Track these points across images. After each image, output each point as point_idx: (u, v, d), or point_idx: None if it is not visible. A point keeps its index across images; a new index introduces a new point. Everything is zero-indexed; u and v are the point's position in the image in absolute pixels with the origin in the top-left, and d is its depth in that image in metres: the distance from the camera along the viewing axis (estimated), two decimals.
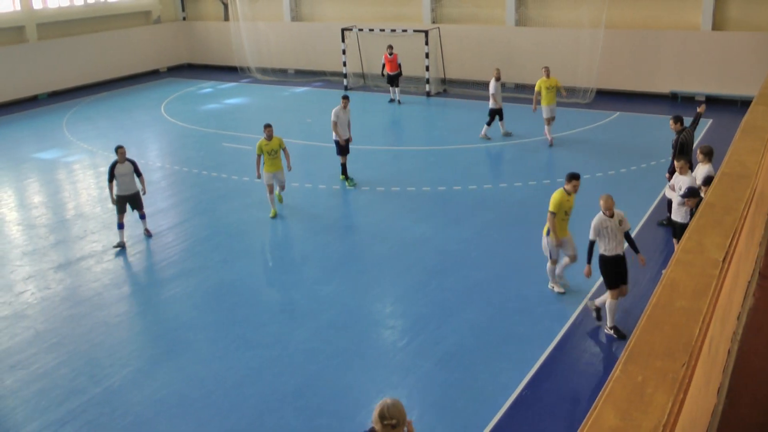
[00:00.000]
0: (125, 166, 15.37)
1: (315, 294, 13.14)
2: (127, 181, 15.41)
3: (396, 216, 16.68)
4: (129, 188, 15.49)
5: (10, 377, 10.88)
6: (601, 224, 11.24)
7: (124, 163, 15.35)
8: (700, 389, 3.83)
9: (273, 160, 16.73)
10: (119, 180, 15.30)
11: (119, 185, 15.35)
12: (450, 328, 11.74)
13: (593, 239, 11.36)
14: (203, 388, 10.33)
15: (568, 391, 10.00)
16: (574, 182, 12.44)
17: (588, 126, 24.01)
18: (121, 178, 15.30)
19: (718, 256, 4.31)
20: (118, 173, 15.25)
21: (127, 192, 15.47)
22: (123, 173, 15.30)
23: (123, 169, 15.32)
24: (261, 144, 16.68)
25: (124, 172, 15.32)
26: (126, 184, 15.42)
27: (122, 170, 15.31)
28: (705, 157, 13.21)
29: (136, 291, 13.50)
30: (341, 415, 9.64)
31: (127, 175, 15.37)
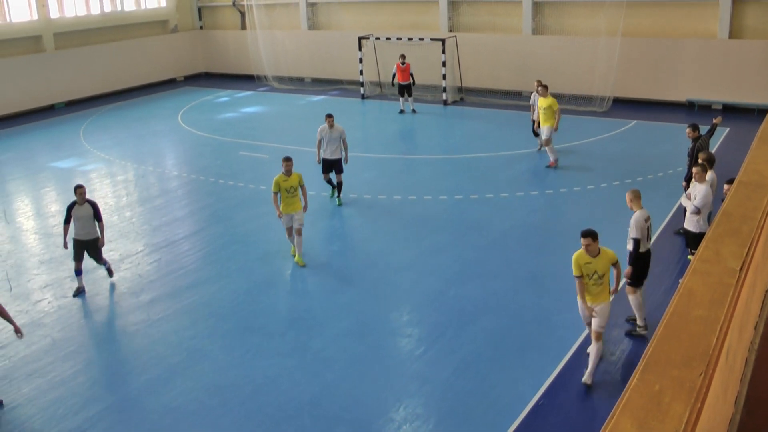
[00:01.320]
0: (84, 208, 13.66)
1: (332, 302, 13.15)
2: (86, 225, 13.70)
3: (413, 224, 16.68)
4: (87, 233, 13.76)
5: (27, 385, 10.94)
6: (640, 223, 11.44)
7: (83, 205, 13.65)
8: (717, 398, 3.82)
9: (291, 199, 14.62)
10: (77, 223, 13.66)
11: (76, 228, 13.71)
12: (467, 336, 11.72)
13: (637, 237, 11.41)
14: (220, 396, 10.36)
15: (585, 401, 9.96)
16: (582, 240, 10.05)
17: (605, 134, 23.94)
18: (79, 221, 13.65)
19: (735, 265, 4.30)
20: (75, 215, 13.62)
21: (85, 237, 13.76)
22: (81, 216, 13.63)
23: (82, 211, 13.64)
24: (278, 180, 14.57)
25: (82, 214, 13.63)
26: (84, 228, 13.71)
27: (81, 212, 13.63)
28: (708, 165, 13.20)
29: (153, 299, 13.55)
30: (358, 423, 9.63)
31: (85, 219, 13.66)
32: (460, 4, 31.46)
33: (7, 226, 17.92)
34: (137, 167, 22.68)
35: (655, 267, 13.92)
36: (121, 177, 21.87)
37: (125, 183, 21.30)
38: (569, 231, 15.70)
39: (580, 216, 16.67)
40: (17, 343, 12.04)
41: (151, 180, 21.36)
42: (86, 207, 13.66)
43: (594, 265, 10.03)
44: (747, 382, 4.93)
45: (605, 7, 27.55)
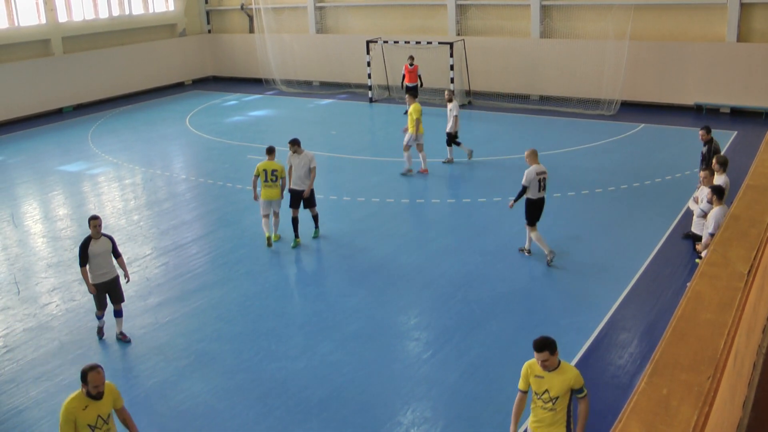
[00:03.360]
0: (101, 243, 11.86)
1: (340, 306, 13.16)
2: (104, 263, 11.87)
3: (421, 228, 16.69)
4: (107, 272, 11.96)
5: (35, 388, 10.97)
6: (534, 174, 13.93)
7: (99, 240, 11.84)
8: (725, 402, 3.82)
9: (272, 185, 15.37)
10: (93, 262, 11.77)
11: (94, 269, 11.82)
12: (475, 340, 11.72)
13: (526, 185, 13.99)
14: (228, 400, 10.37)
15: (593, 404, 9.92)
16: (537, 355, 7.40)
17: (613, 138, 23.91)
18: (96, 259, 11.77)
19: (743, 269, 4.29)
20: (92, 253, 11.76)
21: (105, 278, 11.93)
22: (98, 252, 11.79)
23: (98, 247, 11.81)
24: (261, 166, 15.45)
25: (99, 251, 11.80)
26: (103, 267, 11.87)
27: (97, 248, 11.79)
28: (720, 168, 13.11)
29: (161, 303, 13.58)
30: (367, 426, 9.63)
31: (103, 255, 11.85)
32: (468, 7, 31.47)
33: (15, 230, 17.98)
34: (145, 171, 22.74)
35: (664, 270, 13.92)
36: (129, 180, 21.92)
37: (133, 186, 21.35)
38: (578, 235, 15.71)
39: (587, 219, 16.66)
40: (25, 346, 12.08)
41: (159, 183, 21.41)
42: (103, 241, 11.86)
43: (547, 381, 7.39)
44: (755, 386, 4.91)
45: (613, 10, 27.53)
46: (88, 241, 11.75)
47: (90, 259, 11.72)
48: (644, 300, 12.86)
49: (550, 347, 7.27)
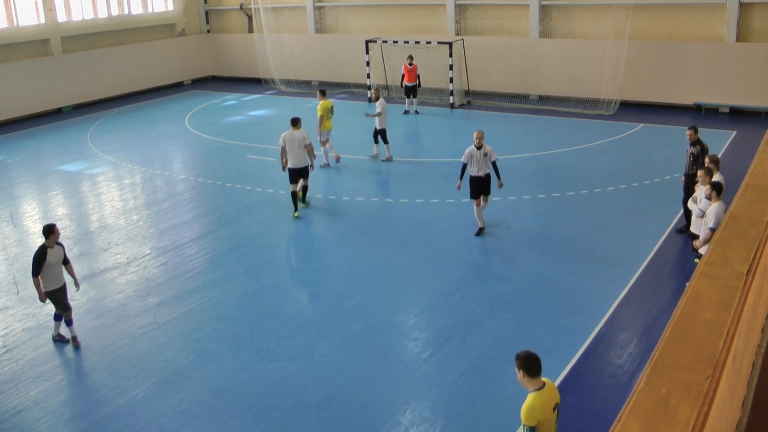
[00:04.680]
0: (56, 251, 11.80)
1: (339, 306, 13.16)
2: (58, 271, 11.87)
3: (420, 227, 16.68)
4: (59, 280, 11.93)
5: (34, 388, 10.97)
6: (472, 153, 15.60)
7: (53, 248, 11.76)
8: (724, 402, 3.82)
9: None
10: (48, 271, 11.68)
11: (48, 277, 11.73)
12: (474, 340, 11.72)
13: (465, 162, 15.67)
14: (227, 400, 10.37)
15: (592, 404, 9.95)
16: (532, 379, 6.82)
17: (612, 137, 23.92)
18: (51, 268, 11.70)
19: (742, 269, 4.29)
20: (48, 262, 11.64)
21: (57, 285, 11.89)
22: (54, 262, 11.73)
23: (54, 255, 11.74)
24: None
25: (55, 260, 11.75)
26: (56, 275, 11.83)
27: (53, 257, 11.72)
28: (715, 166, 13.13)
29: (160, 303, 13.57)
30: (366, 427, 9.63)
31: (58, 264, 11.85)
32: (468, 7, 31.47)
33: (15, 230, 17.97)
34: (144, 170, 22.74)
35: (663, 270, 13.93)
36: (129, 180, 21.92)
37: (132, 186, 21.34)
38: (575, 234, 15.72)
39: (586, 219, 16.66)
40: (24, 346, 12.08)
41: (158, 183, 21.41)
42: (57, 249, 11.85)
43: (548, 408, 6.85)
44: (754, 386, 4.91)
45: (612, 10, 27.53)
46: (45, 251, 11.60)
47: (45, 269, 11.61)
48: (643, 300, 12.87)
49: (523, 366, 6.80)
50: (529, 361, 6.70)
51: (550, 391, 6.82)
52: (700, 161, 14.75)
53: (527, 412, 6.58)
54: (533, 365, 6.70)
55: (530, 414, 6.56)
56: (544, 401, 6.68)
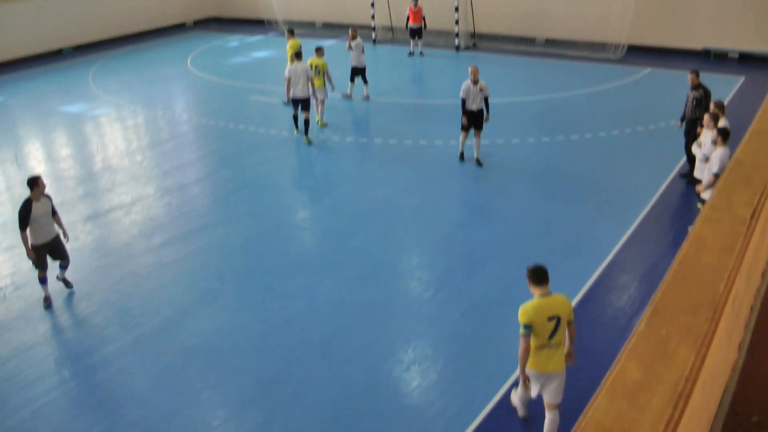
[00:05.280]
0: (42, 204, 11.43)
1: (342, 245, 13.25)
2: (46, 223, 11.51)
3: (424, 169, 16.69)
4: (48, 233, 11.59)
5: (43, 325, 11.12)
6: (469, 88, 16.24)
7: (40, 201, 11.39)
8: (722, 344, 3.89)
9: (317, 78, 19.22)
10: (35, 224, 11.34)
11: (35, 230, 11.38)
12: (476, 280, 11.82)
13: (464, 97, 16.30)
14: (231, 338, 10.51)
15: (592, 345, 10.07)
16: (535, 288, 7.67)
17: (618, 82, 23.75)
18: (39, 220, 11.35)
19: (746, 213, 4.33)
20: (35, 215, 11.29)
21: (47, 238, 11.56)
22: (41, 214, 11.39)
23: (40, 208, 11.38)
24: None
25: (41, 212, 11.40)
26: (44, 227, 11.48)
27: (39, 210, 11.37)
28: (720, 111, 13.08)
29: (165, 242, 13.66)
30: (368, 365, 9.78)
31: (45, 216, 11.47)
32: None
33: (19, 171, 18.00)
34: (147, 111, 22.67)
35: (666, 214, 13.98)
36: (131, 121, 21.86)
37: (135, 127, 21.30)
38: (579, 178, 15.72)
39: (590, 163, 16.66)
40: (32, 284, 12.19)
41: (160, 124, 21.36)
42: (44, 202, 11.49)
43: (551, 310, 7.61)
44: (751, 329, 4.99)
45: None
46: (30, 204, 11.24)
47: (32, 222, 11.26)
48: (645, 243, 12.94)
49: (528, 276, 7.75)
50: (533, 272, 7.63)
51: (552, 303, 7.57)
52: (703, 105, 14.68)
53: (521, 312, 7.53)
54: (535, 275, 7.61)
55: (522, 313, 7.51)
56: (539, 307, 7.50)
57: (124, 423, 8.84)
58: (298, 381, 9.50)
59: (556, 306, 7.55)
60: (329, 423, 8.68)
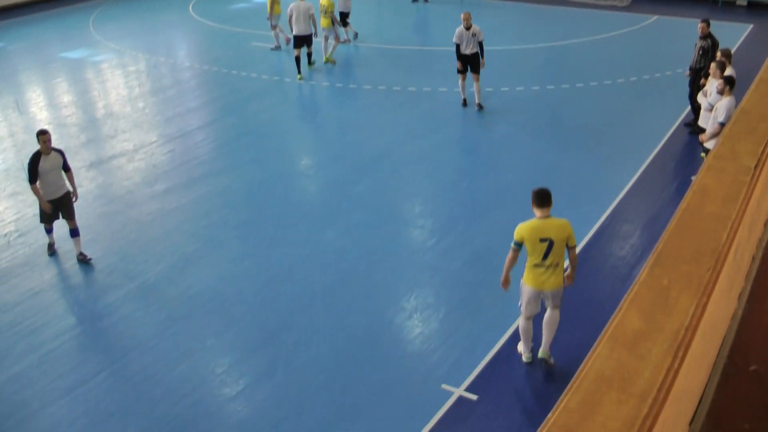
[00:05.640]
0: (52, 158, 11.11)
1: (345, 193, 13.25)
2: (55, 179, 11.19)
3: (427, 116, 16.62)
4: (57, 189, 11.25)
5: (48, 271, 11.19)
6: (462, 33, 16.31)
7: (49, 155, 11.08)
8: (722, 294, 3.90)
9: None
10: (43, 178, 11.05)
11: (43, 186, 11.10)
12: (479, 229, 11.85)
13: (457, 42, 16.39)
14: (235, 285, 10.58)
15: (593, 294, 10.13)
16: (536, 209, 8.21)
17: (624, 29, 23.51)
18: (47, 175, 11.04)
19: (750, 163, 4.31)
20: (43, 169, 10.99)
21: (55, 194, 11.23)
22: (49, 169, 11.05)
23: (49, 162, 11.04)
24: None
25: (50, 166, 11.06)
26: (53, 184, 11.17)
27: (48, 164, 11.03)
28: (727, 60, 12.97)
29: (167, 189, 13.67)
30: (371, 312, 9.85)
31: (54, 171, 11.15)
32: None
33: (21, 117, 17.93)
34: (149, 58, 22.49)
35: (669, 163, 13.95)
36: (133, 68, 21.71)
37: (137, 74, 21.16)
38: (583, 126, 15.66)
39: (594, 111, 16.58)
40: (36, 230, 12.23)
41: (162, 71, 21.22)
42: (54, 157, 11.13)
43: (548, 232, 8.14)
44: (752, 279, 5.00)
45: None
46: (38, 157, 10.95)
47: (41, 176, 10.98)
48: (648, 192, 12.93)
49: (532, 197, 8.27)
50: (537, 194, 8.11)
51: (548, 225, 8.05)
52: (710, 55, 14.54)
53: (516, 229, 8.14)
54: (538, 197, 8.09)
55: (516, 230, 8.13)
56: (534, 228, 8.02)
57: (129, 370, 8.95)
58: (301, 329, 9.58)
59: (551, 229, 8.01)
60: (332, 371, 8.77)
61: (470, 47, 16.45)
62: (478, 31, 16.40)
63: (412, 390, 8.43)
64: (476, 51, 16.52)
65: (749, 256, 5.03)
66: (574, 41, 22.04)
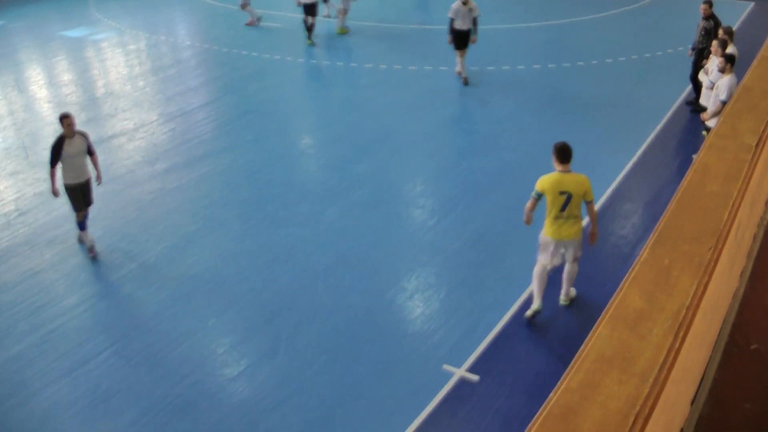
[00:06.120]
0: (76, 142, 10.72)
1: (346, 173, 13.22)
2: (80, 163, 10.84)
3: (428, 96, 16.56)
4: (82, 173, 10.92)
5: (49, 251, 11.17)
6: (458, 8, 16.38)
7: (73, 138, 10.68)
8: (724, 273, 3.89)
9: None
10: (67, 163, 10.68)
11: (68, 170, 10.74)
12: (479, 208, 11.83)
13: (452, 17, 16.42)
14: (236, 265, 10.57)
15: (595, 274, 10.12)
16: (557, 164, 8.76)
17: (624, 7, 23.38)
18: (71, 160, 10.69)
19: (752, 141, 4.29)
20: (67, 154, 10.63)
21: (80, 179, 10.88)
22: (74, 153, 10.70)
23: (74, 147, 10.69)
24: None
25: (75, 151, 10.71)
26: (78, 168, 10.82)
27: (73, 149, 10.68)
28: (729, 38, 12.91)
29: (168, 168, 13.64)
30: (372, 292, 9.84)
31: (79, 155, 10.79)
32: None
33: (21, 95, 17.88)
34: (149, 37, 22.39)
35: (671, 141, 13.91)
36: (133, 46, 21.62)
37: (137, 52, 21.08)
38: (584, 105, 15.61)
39: (595, 90, 16.51)
40: (36, 210, 12.23)
41: (163, 50, 21.13)
42: (78, 140, 10.74)
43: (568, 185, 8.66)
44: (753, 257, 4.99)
45: None
46: (62, 141, 10.58)
47: (64, 160, 10.64)
48: (650, 171, 12.89)
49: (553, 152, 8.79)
50: (559, 149, 8.64)
51: (567, 180, 8.53)
52: (712, 36, 14.48)
53: (538, 181, 8.67)
54: (559, 152, 8.62)
55: (538, 181, 8.67)
56: (555, 181, 8.52)
57: (130, 349, 8.95)
58: (302, 308, 9.58)
59: (570, 183, 8.49)
60: (333, 351, 8.78)
61: (465, 23, 16.61)
62: (474, 6, 16.56)
63: (413, 371, 8.43)
64: (470, 27, 16.69)
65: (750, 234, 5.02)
66: (576, 19, 21.93)
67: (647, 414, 2.57)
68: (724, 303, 4.30)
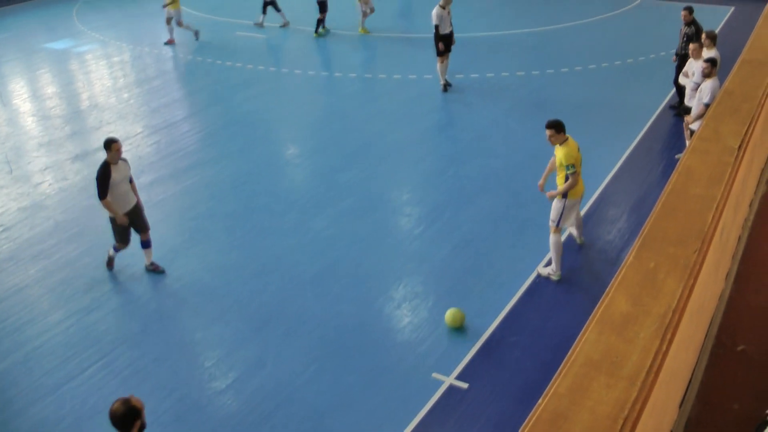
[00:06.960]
0: (121, 167, 10.10)
1: (333, 182, 13.21)
2: (126, 190, 10.22)
3: (413, 104, 16.59)
4: (129, 201, 10.31)
5: (33, 266, 11.10)
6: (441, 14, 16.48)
7: (117, 165, 10.02)
8: (709, 275, 3.90)
9: None
10: (114, 191, 10.01)
11: (116, 199, 10.09)
12: (466, 215, 11.84)
13: (437, 23, 16.56)
14: (223, 277, 10.53)
15: (582, 278, 10.15)
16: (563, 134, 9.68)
17: (610, 12, 23.51)
18: (117, 187, 10.02)
19: (734, 144, 4.31)
20: (114, 181, 9.95)
21: (127, 206, 10.28)
22: (120, 180, 10.04)
23: (119, 173, 10.03)
24: None
25: (121, 177, 10.06)
26: (124, 195, 10.20)
27: (119, 175, 10.02)
28: (711, 42, 13.00)
29: (154, 181, 13.59)
30: (360, 301, 9.83)
31: (124, 183, 10.15)
32: None
33: (4, 109, 17.80)
34: (133, 48, 22.35)
35: (655, 145, 13.98)
36: (117, 58, 21.57)
37: (121, 64, 21.03)
38: (568, 111, 15.65)
39: (580, 95, 16.57)
40: (21, 225, 12.17)
41: (147, 61, 21.08)
42: (122, 166, 10.12)
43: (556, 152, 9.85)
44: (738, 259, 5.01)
45: None
46: (108, 168, 9.87)
47: (111, 188, 9.92)
48: (635, 175, 12.95)
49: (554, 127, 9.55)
50: (559, 123, 9.51)
51: (573, 142, 9.58)
52: (694, 42, 14.58)
53: (567, 156, 9.41)
54: (562, 124, 9.52)
55: (569, 156, 9.39)
56: (574, 146, 9.55)
57: (117, 365, 8.89)
58: (290, 319, 9.55)
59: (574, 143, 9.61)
60: (322, 360, 8.75)
61: (448, 26, 16.83)
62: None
63: (403, 379, 8.42)
64: (452, 29, 16.97)
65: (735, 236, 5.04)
66: (559, 26, 22.03)
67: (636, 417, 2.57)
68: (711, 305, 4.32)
